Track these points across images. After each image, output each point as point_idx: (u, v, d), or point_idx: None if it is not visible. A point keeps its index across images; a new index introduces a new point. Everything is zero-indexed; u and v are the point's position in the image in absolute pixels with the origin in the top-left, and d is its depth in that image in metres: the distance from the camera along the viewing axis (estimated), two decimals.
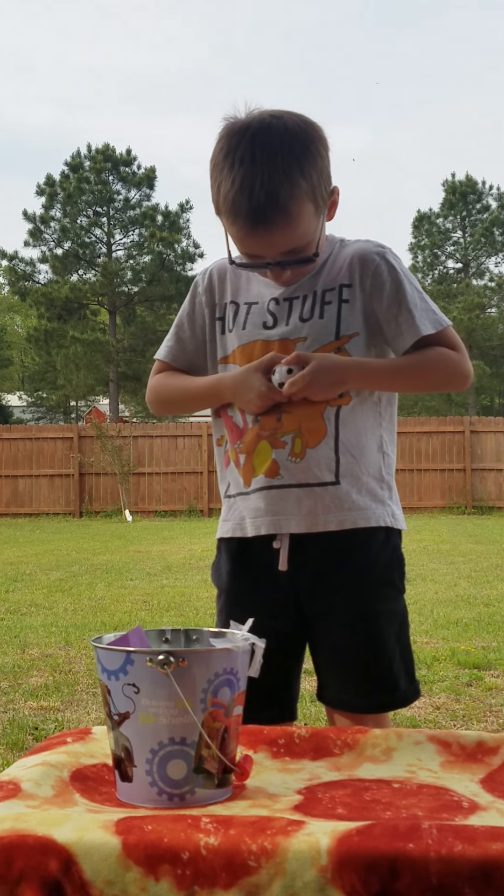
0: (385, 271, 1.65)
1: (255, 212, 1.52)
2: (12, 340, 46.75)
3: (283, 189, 1.51)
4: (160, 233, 29.05)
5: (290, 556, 1.63)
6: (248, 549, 1.68)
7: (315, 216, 1.59)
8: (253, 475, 1.64)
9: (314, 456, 1.61)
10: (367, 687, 1.63)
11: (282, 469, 1.62)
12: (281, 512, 1.62)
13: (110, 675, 1.16)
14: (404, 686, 1.65)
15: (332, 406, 1.62)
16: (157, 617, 6.08)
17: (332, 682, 1.65)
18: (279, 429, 1.62)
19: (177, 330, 1.80)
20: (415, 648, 4.85)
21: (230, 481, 1.71)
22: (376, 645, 1.62)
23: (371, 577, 1.64)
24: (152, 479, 18.04)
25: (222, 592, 1.74)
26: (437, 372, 1.66)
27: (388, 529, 1.67)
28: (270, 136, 1.53)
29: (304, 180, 1.53)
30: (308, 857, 0.91)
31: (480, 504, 17.71)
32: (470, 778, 1.23)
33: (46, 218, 29.61)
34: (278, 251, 1.58)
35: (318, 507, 1.61)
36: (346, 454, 1.63)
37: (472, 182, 33.88)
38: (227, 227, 1.60)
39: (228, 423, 1.71)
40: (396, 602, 1.68)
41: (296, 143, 1.54)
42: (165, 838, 0.94)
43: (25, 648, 5.14)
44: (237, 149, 1.53)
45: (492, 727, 3.52)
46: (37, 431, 18.75)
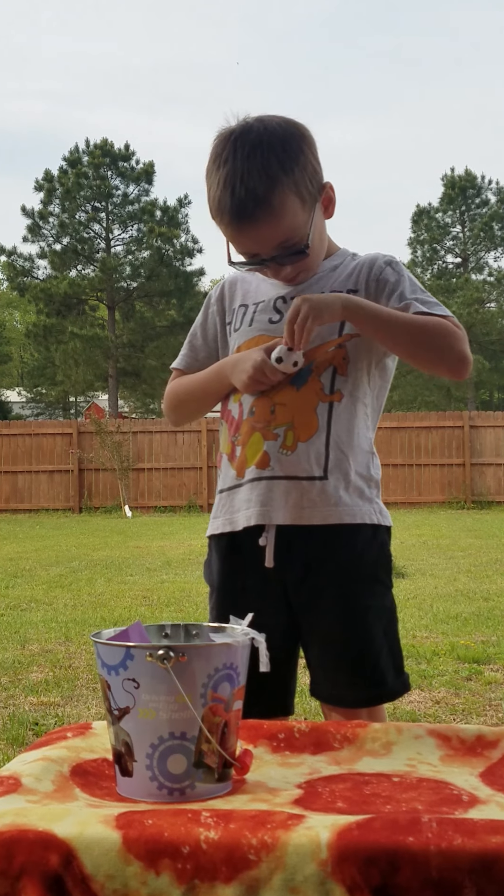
0: (390, 273, 1.70)
1: (238, 208, 1.58)
2: (11, 336, 46.72)
3: (261, 183, 1.57)
4: (159, 228, 29.01)
5: (278, 552, 1.64)
6: (237, 546, 1.69)
7: (302, 209, 1.63)
8: (246, 466, 1.66)
9: (305, 450, 1.63)
10: (354, 681, 1.64)
11: (272, 461, 1.63)
12: (268, 503, 1.63)
13: (110, 671, 1.16)
14: (392, 680, 1.65)
15: (324, 402, 1.64)
16: (157, 612, 6.08)
17: (322, 676, 1.67)
18: (272, 421, 1.64)
19: (190, 339, 1.87)
20: (414, 643, 4.88)
21: (224, 476, 1.73)
22: (364, 640, 1.63)
23: (358, 573, 1.65)
24: (152, 474, 18.04)
25: (214, 590, 1.75)
26: (437, 336, 1.61)
27: (375, 527, 1.68)
28: (250, 136, 1.60)
29: (284, 174, 1.59)
30: (308, 850, 0.91)
31: (480, 499, 17.71)
32: (470, 772, 1.24)
33: (45, 213, 29.55)
34: (269, 246, 1.63)
35: (304, 500, 1.62)
36: (336, 450, 1.64)
37: (471, 177, 33.83)
38: (219, 228, 1.66)
39: (228, 417, 1.73)
40: (384, 598, 1.69)
41: (274, 139, 1.60)
42: (166, 832, 0.95)
43: (25, 644, 5.15)
44: (222, 153, 1.61)
45: (491, 721, 3.53)
46: (36, 427, 18.74)
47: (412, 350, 1.65)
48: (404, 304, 1.65)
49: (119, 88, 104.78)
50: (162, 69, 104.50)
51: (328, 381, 1.65)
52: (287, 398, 1.64)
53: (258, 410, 1.65)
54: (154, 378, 28.78)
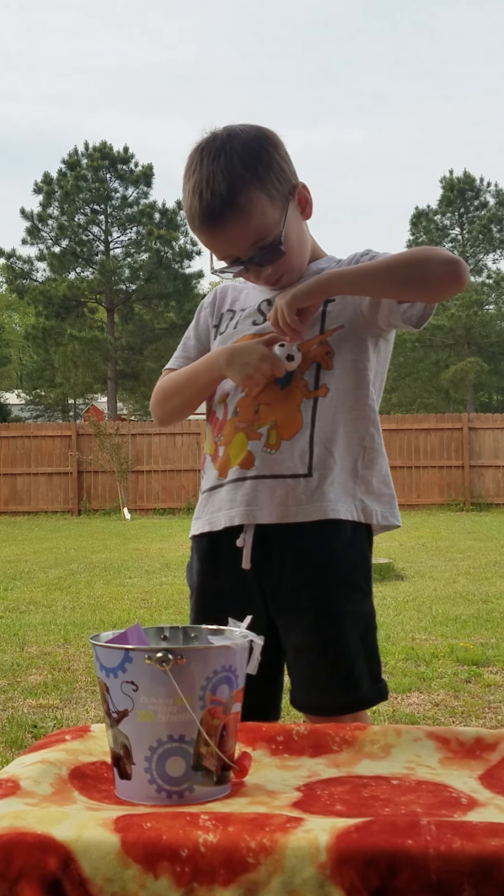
0: (366, 255, 1.71)
1: (206, 212, 1.61)
2: (10, 338, 46.73)
3: (224, 183, 1.59)
4: (158, 230, 29.02)
5: (256, 554, 1.63)
6: (217, 548, 1.69)
7: (272, 208, 1.63)
8: (229, 466, 1.66)
9: (289, 448, 1.62)
10: (329, 686, 1.62)
11: (256, 460, 1.63)
12: (253, 502, 1.62)
13: (109, 673, 1.16)
14: (367, 687, 1.63)
15: (308, 398, 1.64)
16: (156, 614, 6.08)
17: (298, 683, 1.65)
18: (256, 420, 1.64)
19: (185, 341, 1.88)
20: (413, 645, 4.89)
21: (207, 476, 1.73)
22: (339, 646, 1.61)
23: (335, 578, 1.63)
24: (150, 476, 18.04)
25: (193, 592, 1.75)
26: (415, 257, 1.59)
27: (356, 525, 1.65)
28: (215, 144, 1.63)
29: (247, 172, 1.60)
30: (307, 853, 0.91)
31: (479, 501, 17.71)
32: (469, 774, 1.24)
33: (44, 216, 29.57)
34: (243, 247, 1.64)
35: (290, 498, 1.61)
36: (320, 446, 1.63)
37: (470, 179, 33.88)
38: (198, 238, 1.68)
39: (212, 418, 1.73)
40: (362, 604, 1.66)
41: (236, 142, 1.63)
42: (164, 836, 0.94)
43: (24, 646, 5.15)
44: (192, 165, 1.65)
45: (490, 724, 3.53)
46: (35, 429, 18.73)
47: (400, 282, 1.59)
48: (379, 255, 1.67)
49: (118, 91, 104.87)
50: (161, 72, 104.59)
51: (312, 377, 1.64)
52: (271, 398, 1.64)
53: (242, 411, 1.66)
54: (153, 380, 28.72)
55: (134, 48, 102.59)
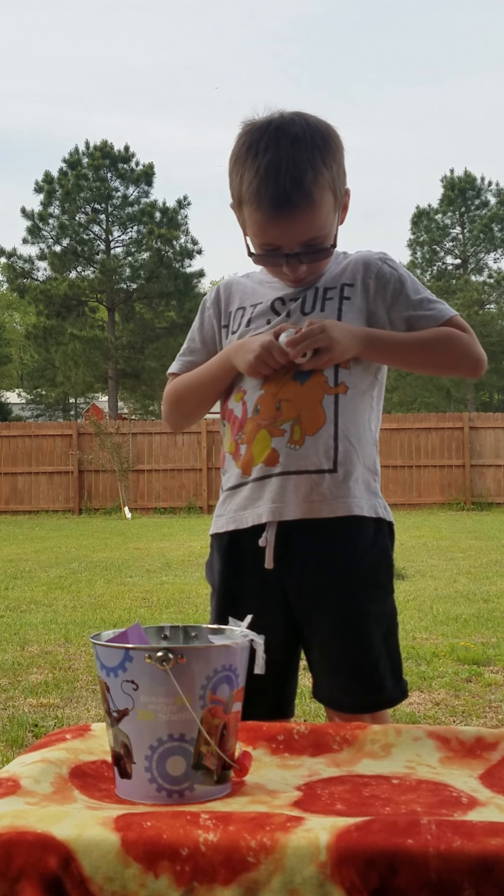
0: (388, 271, 1.71)
1: (280, 196, 1.57)
2: (11, 337, 46.72)
3: (307, 174, 1.57)
4: (158, 229, 29.01)
5: (278, 554, 1.63)
6: (238, 547, 1.69)
7: (333, 209, 1.64)
8: (253, 464, 1.65)
9: (313, 443, 1.62)
10: (353, 686, 1.63)
11: (281, 457, 1.62)
12: (279, 499, 1.62)
13: (109, 672, 1.16)
14: (390, 686, 1.64)
15: (329, 394, 1.63)
16: (157, 614, 6.08)
17: (322, 680, 1.66)
18: (278, 417, 1.63)
19: (188, 344, 1.85)
20: (414, 644, 4.88)
21: (228, 475, 1.71)
22: (363, 646, 1.62)
23: (358, 577, 1.64)
24: (151, 475, 18.04)
25: (215, 591, 1.74)
26: (449, 350, 1.69)
27: (379, 522, 1.68)
28: (294, 128, 1.60)
29: (327, 169, 1.60)
30: (307, 853, 0.91)
31: (479, 500, 17.70)
32: (469, 774, 1.24)
33: (45, 215, 29.56)
34: (298, 240, 1.62)
35: (315, 493, 1.61)
36: (344, 442, 1.63)
37: (470, 178, 33.85)
38: (248, 216, 1.64)
39: (230, 417, 1.72)
40: (385, 603, 1.68)
41: (317, 135, 1.61)
42: (164, 835, 0.94)
43: (25, 645, 5.15)
44: (260, 140, 1.59)
45: (491, 723, 3.53)
46: (36, 429, 18.73)
47: (426, 369, 1.78)
48: (411, 314, 1.69)
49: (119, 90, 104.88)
50: (162, 71, 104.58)
51: (331, 374, 1.64)
52: (292, 394, 1.63)
53: (263, 408, 1.64)
54: (154, 379, 28.78)
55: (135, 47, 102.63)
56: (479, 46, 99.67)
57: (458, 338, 1.68)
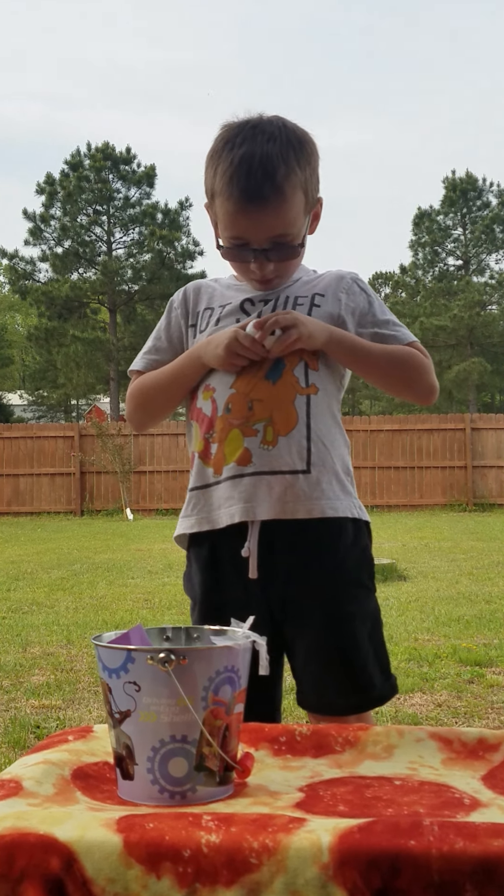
0: (357, 290, 1.76)
1: (251, 187, 1.58)
2: (13, 339, 46.75)
3: (280, 169, 1.59)
4: (160, 231, 29.04)
5: (261, 562, 1.62)
6: (217, 557, 1.67)
7: (304, 211, 1.66)
8: (224, 463, 1.64)
9: (286, 444, 1.62)
10: (342, 688, 1.62)
11: (254, 457, 1.61)
12: (252, 499, 1.61)
13: (111, 674, 1.16)
14: (380, 684, 1.65)
15: (301, 395, 1.64)
16: (159, 615, 6.08)
17: (309, 685, 1.65)
18: (251, 417, 1.62)
19: (154, 343, 1.83)
20: (416, 645, 4.88)
21: (198, 474, 1.70)
22: (350, 646, 1.62)
23: (341, 579, 1.64)
24: (153, 477, 18.04)
25: (196, 604, 1.72)
26: (408, 369, 1.71)
27: (356, 522, 1.67)
28: (270, 127, 1.63)
29: (300, 169, 1.62)
30: (309, 854, 0.91)
31: (481, 501, 17.70)
32: (471, 775, 1.24)
33: (46, 217, 29.61)
34: (266, 235, 1.63)
35: (289, 494, 1.61)
36: (317, 443, 1.63)
37: (472, 179, 33.86)
38: (219, 207, 1.65)
39: (198, 415, 1.70)
40: (368, 602, 1.67)
41: (293, 136, 1.64)
42: (167, 836, 0.94)
43: (27, 647, 5.15)
44: (237, 137, 1.62)
45: (493, 724, 3.52)
46: (38, 430, 18.75)
47: (384, 381, 1.75)
48: (376, 331, 1.72)
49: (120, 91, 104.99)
50: (162, 72, 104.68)
51: (302, 374, 1.65)
52: (264, 394, 1.63)
53: (235, 407, 1.63)
54: None
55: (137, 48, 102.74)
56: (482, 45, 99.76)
57: (420, 360, 1.71)
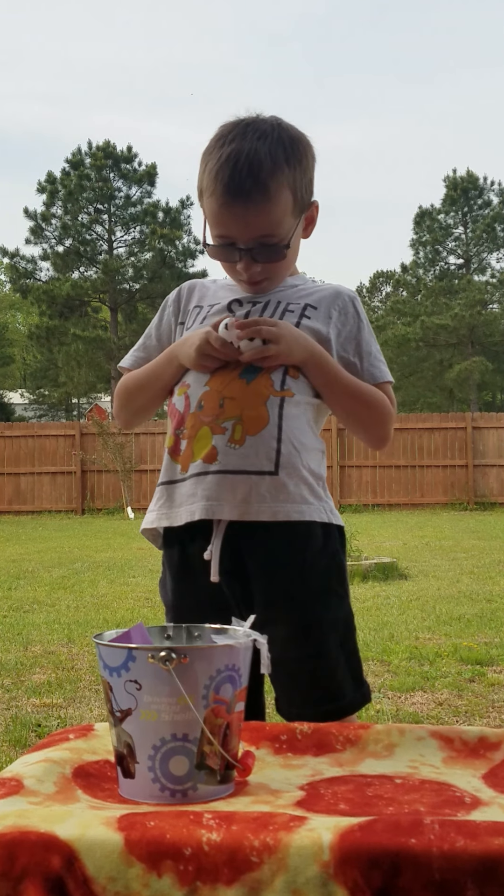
0: (352, 311, 1.73)
1: (235, 184, 1.57)
2: (14, 338, 46.76)
3: (265, 166, 1.57)
4: (161, 230, 29.02)
5: (226, 568, 1.59)
6: (188, 562, 1.64)
7: (292, 212, 1.63)
8: (191, 460, 1.61)
9: (254, 444, 1.58)
10: (312, 697, 1.60)
11: (220, 455, 1.58)
12: (215, 497, 1.58)
13: (112, 672, 1.16)
14: (350, 693, 1.62)
15: (275, 396, 1.61)
16: (160, 614, 6.05)
17: (281, 693, 1.63)
18: (220, 414, 1.60)
19: (144, 341, 1.84)
20: (417, 644, 4.88)
21: (166, 469, 1.68)
22: (319, 655, 1.59)
23: (309, 586, 1.60)
24: (154, 476, 18.03)
25: (169, 609, 1.70)
26: (374, 415, 1.71)
27: (326, 527, 1.63)
28: (263, 126, 1.62)
29: (288, 167, 1.60)
30: (310, 852, 0.91)
31: (482, 500, 17.70)
32: (472, 773, 1.24)
33: (47, 215, 29.59)
34: (251, 234, 1.61)
35: (253, 495, 1.57)
36: (287, 445, 1.60)
37: (473, 178, 33.83)
38: (206, 203, 1.64)
39: (172, 411, 1.69)
40: (339, 608, 1.64)
41: (285, 135, 1.63)
42: (168, 834, 0.94)
43: (28, 645, 5.15)
44: (228, 134, 1.61)
45: (494, 723, 3.52)
46: (39, 429, 18.76)
47: (343, 416, 1.73)
48: (355, 361, 1.70)
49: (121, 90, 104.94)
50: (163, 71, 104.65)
51: (279, 378, 1.62)
52: (237, 392, 1.60)
53: (206, 404, 1.61)
54: None
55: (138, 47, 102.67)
56: (483, 44, 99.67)
57: (383, 409, 1.70)
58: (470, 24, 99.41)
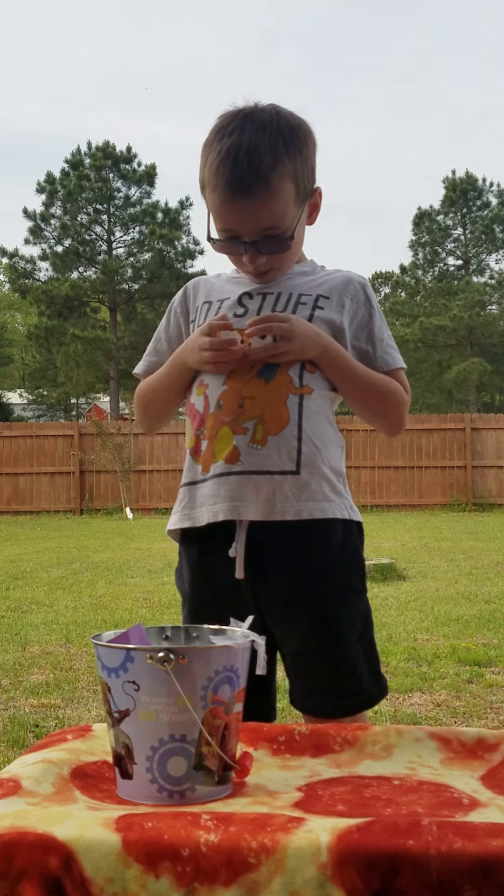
0: (363, 297, 1.73)
1: (236, 179, 1.56)
2: (13, 338, 46.75)
3: (265, 159, 1.56)
4: (160, 230, 29.02)
5: (248, 563, 1.60)
6: (208, 556, 1.66)
7: (295, 202, 1.62)
8: (213, 461, 1.62)
9: (275, 443, 1.59)
10: (331, 691, 1.61)
11: (242, 455, 1.59)
12: (239, 498, 1.59)
13: (110, 673, 1.16)
14: (368, 687, 1.63)
15: (294, 395, 1.61)
16: (158, 614, 6.08)
17: (298, 687, 1.64)
18: (241, 415, 1.60)
19: (154, 345, 1.84)
20: (415, 645, 4.88)
21: (188, 470, 1.69)
22: (338, 649, 1.60)
23: (330, 581, 1.62)
24: (153, 476, 18.04)
25: (185, 600, 1.71)
26: (389, 404, 1.71)
27: (347, 523, 1.65)
28: (261, 116, 1.61)
29: (288, 158, 1.59)
30: (308, 853, 0.91)
31: (481, 501, 17.70)
32: (470, 775, 1.24)
33: (47, 215, 29.58)
34: (254, 227, 1.60)
35: (277, 495, 1.58)
36: (308, 444, 1.61)
37: (472, 179, 33.84)
38: (208, 198, 1.63)
39: (191, 412, 1.69)
40: (358, 604, 1.65)
41: (284, 125, 1.61)
42: (165, 835, 0.94)
43: (26, 646, 5.15)
44: (227, 126, 1.60)
45: (492, 724, 3.52)
46: (37, 429, 18.74)
47: (357, 406, 1.73)
48: (368, 349, 1.71)
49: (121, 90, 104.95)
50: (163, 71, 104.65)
51: (297, 374, 1.62)
52: (256, 391, 1.60)
53: (226, 404, 1.61)
54: None
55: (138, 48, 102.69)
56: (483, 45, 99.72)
57: (397, 397, 1.71)
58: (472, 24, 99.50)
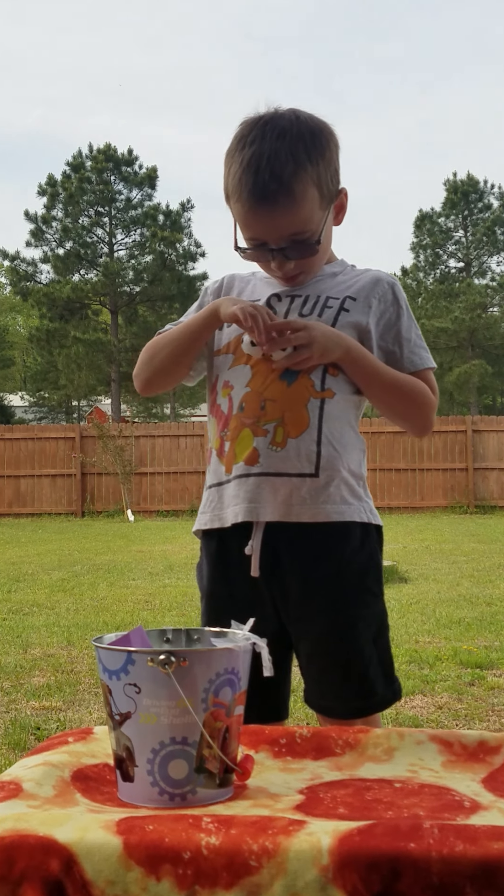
0: (391, 298, 1.72)
1: (259, 188, 1.57)
2: (14, 340, 46.78)
3: (287, 167, 1.56)
4: (162, 232, 29.05)
5: (264, 563, 1.61)
6: (227, 552, 1.67)
7: (320, 206, 1.63)
8: (234, 462, 1.64)
9: (295, 446, 1.60)
10: (344, 692, 1.62)
11: (261, 457, 1.60)
12: (256, 499, 1.60)
13: (111, 675, 1.16)
14: (381, 690, 1.64)
15: (315, 398, 1.62)
16: (159, 617, 6.08)
17: (312, 686, 1.65)
18: (262, 417, 1.61)
19: (183, 317, 1.83)
20: (417, 648, 4.88)
21: (214, 471, 1.70)
22: (353, 651, 1.61)
23: (347, 583, 1.62)
24: (154, 478, 18.04)
25: (204, 596, 1.73)
26: (417, 403, 1.70)
27: (365, 527, 1.66)
28: (281, 122, 1.60)
29: (311, 164, 1.59)
30: (309, 856, 0.91)
31: (482, 503, 17.69)
32: (472, 777, 1.23)
33: (48, 218, 29.61)
34: (280, 234, 1.61)
35: (294, 497, 1.59)
36: (328, 447, 1.62)
37: (473, 181, 33.84)
38: (233, 208, 1.64)
39: (217, 412, 1.70)
40: (374, 606, 1.66)
41: (305, 129, 1.61)
42: (167, 838, 0.94)
43: (27, 648, 5.15)
44: (249, 134, 1.60)
45: (494, 727, 3.52)
46: (39, 431, 18.75)
47: (384, 408, 1.73)
48: (395, 350, 1.70)
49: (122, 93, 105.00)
50: (165, 74, 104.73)
51: (319, 378, 1.63)
52: (277, 394, 1.62)
53: (248, 406, 1.63)
54: None
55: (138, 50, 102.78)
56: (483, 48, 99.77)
57: (427, 399, 1.71)
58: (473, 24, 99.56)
